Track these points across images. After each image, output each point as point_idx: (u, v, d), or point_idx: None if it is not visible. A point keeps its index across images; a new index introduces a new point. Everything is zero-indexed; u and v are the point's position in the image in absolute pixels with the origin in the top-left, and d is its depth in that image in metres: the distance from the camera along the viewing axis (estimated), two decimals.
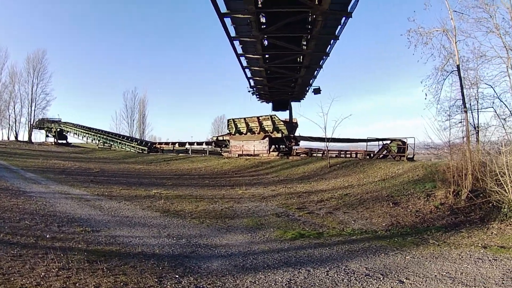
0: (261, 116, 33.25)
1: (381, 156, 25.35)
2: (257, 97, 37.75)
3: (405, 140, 23.82)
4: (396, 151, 24.36)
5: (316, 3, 16.05)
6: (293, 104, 36.90)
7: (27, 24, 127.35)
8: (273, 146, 33.38)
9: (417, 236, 9.00)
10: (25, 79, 75.14)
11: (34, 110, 75.46)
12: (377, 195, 13.59)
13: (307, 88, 33.38)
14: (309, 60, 24.42)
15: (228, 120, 36.40)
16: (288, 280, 5.84)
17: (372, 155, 25.88)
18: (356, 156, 26.80)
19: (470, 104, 14.91)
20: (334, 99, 24.62)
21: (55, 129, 68.75)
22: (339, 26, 19.06)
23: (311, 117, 57.88)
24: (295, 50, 22.47)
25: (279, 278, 5.89)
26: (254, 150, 32.64)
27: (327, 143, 24.51)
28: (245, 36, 19.68)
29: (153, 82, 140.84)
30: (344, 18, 18.06)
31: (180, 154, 41.55)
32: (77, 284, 5.08)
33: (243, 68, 26.43)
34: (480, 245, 8.13)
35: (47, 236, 7.66)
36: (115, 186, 16.55)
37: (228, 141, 36.01)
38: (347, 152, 28.33)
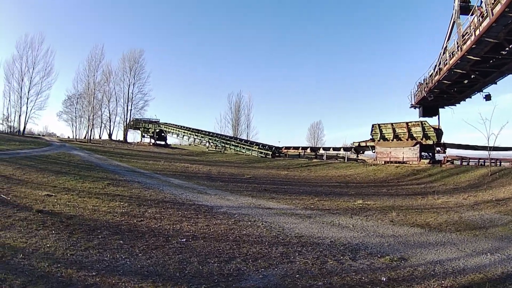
0: (410, 122, 30.40)
1: None
2: (410, 103, 33.92)
3: None
4: None
5: None
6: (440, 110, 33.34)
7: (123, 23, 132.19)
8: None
9: None
10: (120, 78, 75.06)
11: (131, 109, 75.16)
12: None
13: (472, 95, 29.14)
14: (510, 67, 21.70)
15: (373, 125, 33.13)
16: None
17: None
18: (500, 164, 24.76)
19: None
20: (495, 107, 23.39)
21: (153, 130, 67.60)
22: None
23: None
24: (510, 55, 20.15)
25: None
26: (403, 157, 29.68)
27: (489, 151, 22.99)
28: (491, 37, 17.91)
29: (246, 87, 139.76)
30: None
31: (314, 160, 38.25)
32: None
33: (449, 70, 23.72)
34: None
35: (383, 279, 5.15)
36: (304, 197, 13.97)
37: (373, 147, 33.25)
38: (493, 161, 25.11)
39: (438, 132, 29.69)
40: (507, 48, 19.25)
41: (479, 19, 17.80)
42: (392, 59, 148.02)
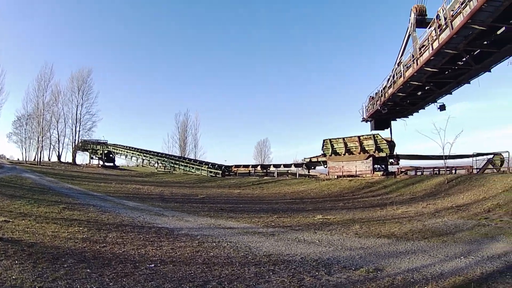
0: (362, 136, 31.03)
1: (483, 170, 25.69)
2: (362, 117, 34.62)
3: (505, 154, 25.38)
4: (500, 164, 25.53)
5: None
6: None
7: (72, 42, 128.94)
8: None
9: None
10: (69, 98, 72.04)
11: (79, 131, 72.21)
12: None
13: (425, 106, 29.92)
14: (467, 76, 22.63)
15: (324, 141, 33.95)
16: None
17: (470, 169, 26.01)
18: (455, 172, 26.10)
19: None
20: (449, 117, 24.12)
21: (101, 151, 66.25)
22: None
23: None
24: (467, 66, 21.02)
25: None
26: (356, 171, 30.26)
27: (445, 160, 24.22)
28: (450, 48, 18.62)
29: (193, 107, 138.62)
30: None
31: (265, 177, 38.72)
32: None
33: (404, 82, 24.45)
34: None
35: None
36: (262, 214, 14.09)
37: (325, 162, 33.79)
38: (447, 169, 26.30)
39: (391, 144, 30.50)
40: (463, 59, 20.04)
41: (437, 32, 18.47)
42: (339, 75, 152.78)
